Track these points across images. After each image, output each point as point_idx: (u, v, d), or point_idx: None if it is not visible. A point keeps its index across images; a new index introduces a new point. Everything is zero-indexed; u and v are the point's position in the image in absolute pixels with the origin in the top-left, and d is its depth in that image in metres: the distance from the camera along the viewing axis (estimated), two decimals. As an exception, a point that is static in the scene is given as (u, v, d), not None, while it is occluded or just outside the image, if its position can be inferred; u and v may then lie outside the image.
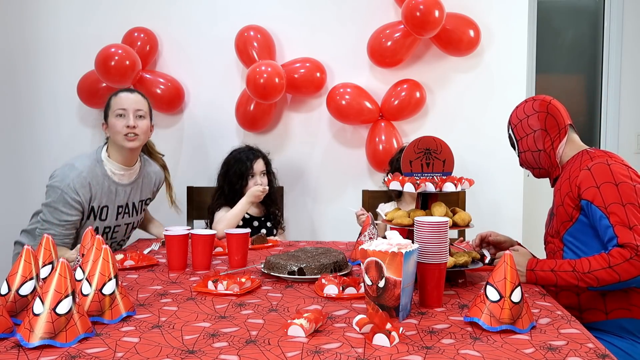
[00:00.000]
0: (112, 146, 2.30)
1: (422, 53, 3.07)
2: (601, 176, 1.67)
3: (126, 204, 2.36)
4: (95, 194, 2.25)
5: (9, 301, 1.29)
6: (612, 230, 1.60)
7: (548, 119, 1.87)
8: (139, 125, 2.26)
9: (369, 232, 2.01)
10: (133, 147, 2.27)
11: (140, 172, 2.40)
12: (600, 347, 1.20)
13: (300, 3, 3.10)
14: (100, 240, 1.43)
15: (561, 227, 1.80)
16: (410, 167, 1.72)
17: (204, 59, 3.14)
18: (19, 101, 3.22)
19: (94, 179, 2.24)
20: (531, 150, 1.90)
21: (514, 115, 1.96)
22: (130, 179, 2.35)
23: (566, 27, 4.02)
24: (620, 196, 1.62)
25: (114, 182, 2.30)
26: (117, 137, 2.25)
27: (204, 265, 1.89)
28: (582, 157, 1.80)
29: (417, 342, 1.23)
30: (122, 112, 2.25)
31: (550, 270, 1.65)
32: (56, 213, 2.20)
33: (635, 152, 3.89)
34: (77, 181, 2.20)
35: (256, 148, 2.77)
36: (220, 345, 1.20)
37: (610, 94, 3.88)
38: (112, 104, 2.29)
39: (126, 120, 2.24)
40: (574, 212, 1.74)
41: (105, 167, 2.28)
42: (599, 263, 1.59)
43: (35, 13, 3.17)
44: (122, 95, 2.29)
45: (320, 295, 1.57)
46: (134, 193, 2.38)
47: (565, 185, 1.78)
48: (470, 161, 3.00)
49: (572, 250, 1.77)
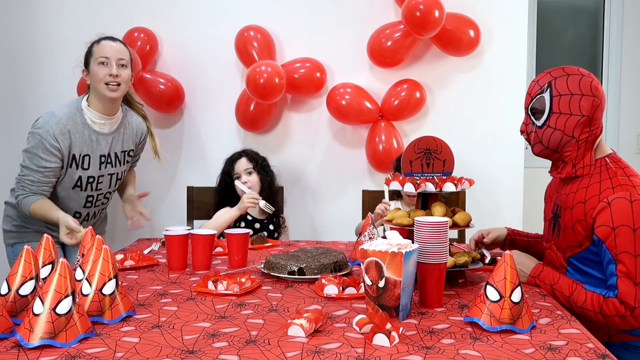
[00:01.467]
0: (93, 95, 2.29)
1: (422, 53, 3.07)
2: (620, 217, 1.52)
3: (108, 154, 2.35)
4: (74, 142, 2.25)
5: (9, 301, 1.29)
6: (616, 280, 1.52)
7: (598, 110, 1.64)
8: (121, 74, 2.25)
9: (369, 232, 2.01)
10: (114, 96, 2.26)
11: (122, 122, 2.39)
12: (600, 347, 1.20)
13: (300, 3, 3.10)
14: (100, 240, 1.43)
15: (567, 250, 1.70)
16: (410, 167, 1.72)
17: (204, 59, 3.14)
18: (20, 101, 3.22)
19: (73, 127, 2.25)
20: (565, 132, 1.64)
21: (562, 81, 1.64)
22: (111, 128, 2.34)
23: (566, 27, 4.02)
24: (635, 245, 1.51)
25: (95, 131, 2.29)
26: (98, 85, 2.24)
27: (204, 265, 1.89)
28: (601, 175, 1.63)
29: (417, 342, 1.23)
30: (104, 60, 2.24)
31: (550, 285, 1.64)
32: (35, 159, 2.21)
33: (635, 152, 3.89)
34: (56, 128, 2.21)
35: (245, 149, 2.82)
36: (220, 345, 1.20)
37: (610, 94, 3.88)
38: (94, 51, 2.27)
39: (108, 69, 2.23)
40: (585, 241, 1.63)
41: (85, 115, 2.28)
42: (593, 304, 1.54)
43: (35, 13, 3.17)
44: (105, 43, 2.27)
45: (320, 295, 1.57)
46: (115, 143, 2.36)
47: (579, 210, 1.63)
48: (470, 161, 3.00)
49: (576, 272, 1.69)
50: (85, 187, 2.33)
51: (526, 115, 1.74)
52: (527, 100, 1.73)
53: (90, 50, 2.29)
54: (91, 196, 2.38)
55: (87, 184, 2.33)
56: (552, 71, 1.69)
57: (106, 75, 2.23)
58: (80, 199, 2.36)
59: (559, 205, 1.74)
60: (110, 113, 2.32)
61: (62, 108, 2.28)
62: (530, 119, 1.72)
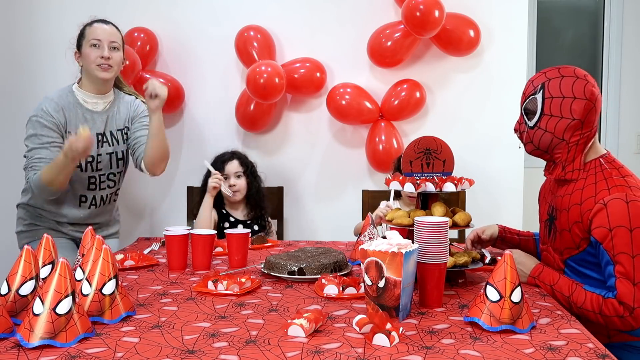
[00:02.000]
0: (86, 76, 2.36)
1: (422, 53, 3.07)
2: (616, 218, 1.52)
3: (104, 133, 2.38)
4: (69, 119, 2.30)
5: (9, 301, 1.29)
6: (615, 281, 1.51)
7: (591, 114, 1.62)
8: (113, 56, 2.31)
9: (369, 232, 2.01)
10: (107, 77, 2.32)
11: (115, 101, 2.43)
12: (600, 347, 1.20)
13: (300, 3, 3.10)
14: (100, 240, 1.44)
15: (565, 251, 1.70)
16: (410, 167, 1.72)
17: (204, 59, 3.14)
18: (20, 100, 3.22)
19: (66, 106, 2.32)
20: (555, 134, 1.64)
21: (555, 83, 1.64)
22: (105, 107, 2.39)
23: (566, 27, 4.02)
24: (632, 245, 1.50)
25: (88, 109, 2.35)
26: (90, 67, 2.30)
27: (204, 265, 1.89)
28: (596, 176, 1.62)
29: (417, 342, 1.23)
30: (96, 43, 2.29)
31: (549, 285, 1.64)
32: (36, 138, 2.27)
33: (635, 152, 3.89)
34: (50, 106, 2.28)
35: (235, 151, 2.82)
36: (220, 345, 1.20)
37: (610, 94, 3.88)
38: (86, 33, 2.32)
39: (100, 51, 2.29)
40: (582, 243, 1.63)
41: (77, 96, 2.35)
42: (592, 305, 1.53)
43: (35, 12, 3.17)
44: (97, 25, 2.33)
45: (320, 295, 1.57)
46: (110, 121, 2.40)
47: (575, 212, 1.63)
48: (470, 161, 3.00)
49: (574, 274, 1.70)
50: (85, 167, 2.35)
51: (521, 114, 1.74)
52: (522, 99, 1.73)
53: (83, 32, 2.34)
54: (93, 177, 2.38)
55: (87, 164, 2.35)
56: (547, 71, 1.69)
57: (98, 57, 2.29)
58: (83, 180, 2.37)
59: (555, 208, 1.74)
60: (102, 92, 2.37)
61: (54, 92, 2.36)
62: (523, 118, 1.72)
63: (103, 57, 2.28)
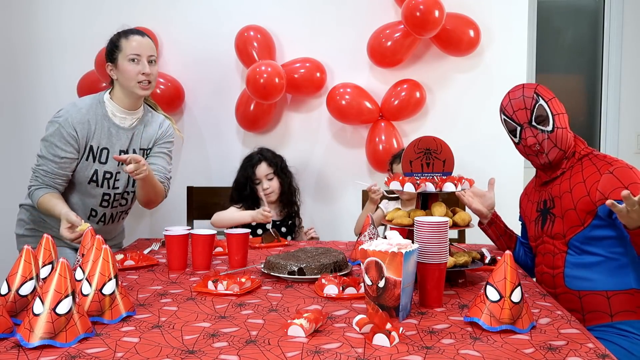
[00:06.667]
0: (120, 90, 2.24)
1: (422, 53, 3.07)
2: (627, 178, 1.67)
3: (127, 150, 2.29)
4: (94, 132, 2.21)
5: (9, 301, 1.29)
6: None
7: None
8: (152, 71, 2.21)
9: (369, 232, 2.01)
10: (146, 94, 2.24)
11: (143, 118, 2.34)
12: (601, 347, 1.20)
13: (300, 3, 3.10)
14: (100, 240, 1.44)
15: (568, 231, 1.78)
16: (410, 167, 1.72)
17: (204, 59, 3.14)
18: (20, 100, 3.22)
19: (93, 118, 2.21)
20: (568, 129, 1.84)
21: (543, 89, 1.85)
22: (132, 123, 2.29)
23: (566, 27, 4.02)
24: None
25: (115, 124, 2.25)
26: (129, 83, 2.19)
27: (204, 265, 1.89)
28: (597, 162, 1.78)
29: (417, 342, 1.23)
30: (135, 58, 2.18)
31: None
32: (51, 148, 2.18)
33: (635, 152, 3.89)
34: (76, 117, 2.18)
35: (262, 151, 2.76)
36: (220, 345, 1.20)
37: (610, 94, 3.88)
38: (123, 46, 2.20)
39: (141, 67, 2.18)
40: (587, 217, 1.73)
41: (106, 108, 2.24)
42: None
43: (35, 13, 3.17)
44: (134, 38, 2.21)
45: (320, 295, 1.57)
46: (136, 139, 2.31)
47: (580, 189, 1.75)
48: (470, 161, 2.99)
49: (577, 253, 1.75)
50: (102, 183, 2.28)
51: (529, 128, 1.81)
52: (523, 116, 1.81)
53: (118, 44, 2.22)
54: (108, 194, 2.32)
55: (104, 180, 2.28)
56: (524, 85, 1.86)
57: (139, 74, 2.18)
58: (97, 195, 2.31)
59: (550, 197, 1.85)
60: (133, 108, 2.28)
61: (84, 100, 2.27)
62: (537, 129, 1.81)
63: (144, 73, 2.18)
